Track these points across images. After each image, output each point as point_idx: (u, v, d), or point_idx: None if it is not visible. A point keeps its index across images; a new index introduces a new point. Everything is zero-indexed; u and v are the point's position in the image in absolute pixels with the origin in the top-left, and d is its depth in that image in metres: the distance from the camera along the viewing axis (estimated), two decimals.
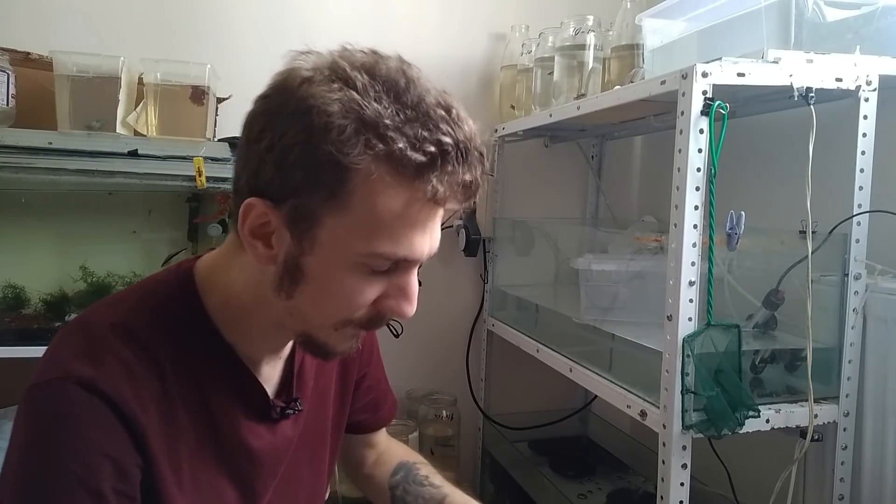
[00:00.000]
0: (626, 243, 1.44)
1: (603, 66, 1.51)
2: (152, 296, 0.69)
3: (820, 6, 1.06)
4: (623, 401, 1.16)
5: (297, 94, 0.58)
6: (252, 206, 0.61)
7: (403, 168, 0.57)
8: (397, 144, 0.56)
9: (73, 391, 0.59)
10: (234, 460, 0.70)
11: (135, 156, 1.35)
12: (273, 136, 0.59)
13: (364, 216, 0.58)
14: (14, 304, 1.47)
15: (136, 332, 0.64)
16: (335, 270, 0.61)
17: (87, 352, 0.61)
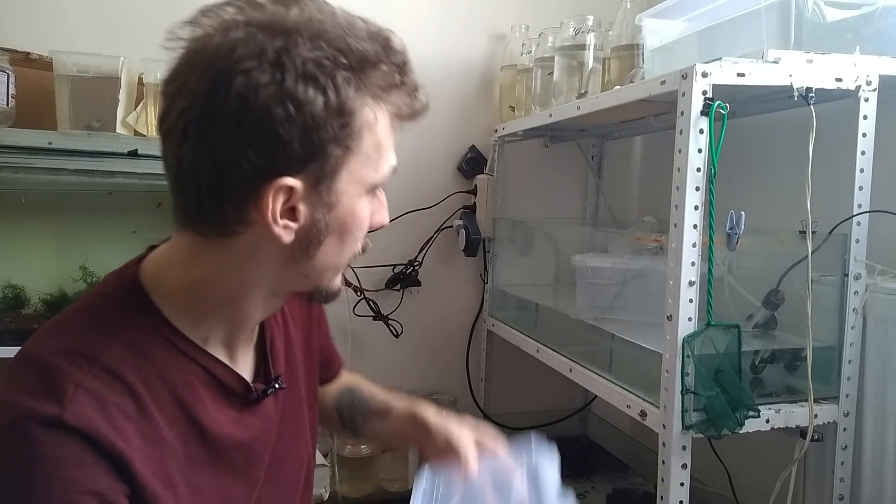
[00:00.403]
0: (626, 243, 1.44)
1: (603, 66, 1.51)
2: (100, 312, 0.64)
3: (820, 6, 1.06)
4: (623, 401, 1.16)
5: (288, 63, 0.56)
6: (281, 187, 0.58)
7: (388, 93, 0.62)
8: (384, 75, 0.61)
9: (37, 432, 0.54)
10: (229, 457, 0.69)
11: (135, 156, 1.35)
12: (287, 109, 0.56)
13: (369, 148, 0.62)
14: (14, 304, 1.47)
15: (93, 354, 0.59)
16: (356, 210, 0.64)
17: (44, 387, 0.56)
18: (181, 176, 0.60)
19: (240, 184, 0.58)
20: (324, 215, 0.62)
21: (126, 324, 0.63)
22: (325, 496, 1.48)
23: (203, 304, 0.66)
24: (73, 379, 0.57)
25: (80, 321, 0.64)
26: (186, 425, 0.64)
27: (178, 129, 0.58)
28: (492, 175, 1.85)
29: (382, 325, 1.83)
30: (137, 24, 1.65)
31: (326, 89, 0.57)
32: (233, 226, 0.61)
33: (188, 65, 0.58)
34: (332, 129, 0.58)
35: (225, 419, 0.68)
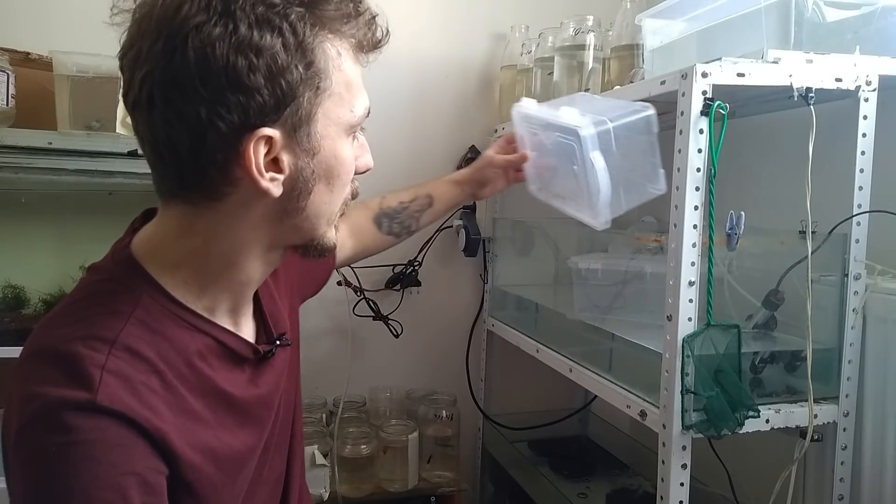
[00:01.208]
0: (626, 243, 1.44)
1: (603, 66, 1.51)
2: (104, 295, 0.63)
3: (820, 6, 1.06)
4: (623, 401, 1.16)
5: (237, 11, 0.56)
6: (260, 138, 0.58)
7: (345, 25, 0.61)
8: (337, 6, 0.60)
9: (72, 419, 0.54)
10: (254, 413, 0.71)
11: (135, 156, 1.35)
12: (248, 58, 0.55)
13: (339, 87, 0.62)
14: (14, 304, 1.47)
15: (109, 336, 0.59)
16: (339, 153, 0.65)
17: (68, 376, 0.56)
18: (157, 146, 0.60)
19: (217, 143, 0.57)
20: (308, 162, 0.62)
21: (133, 303, 0.62)
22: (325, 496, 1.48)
23: (204, 275, 0.66)
24: (96, 363, 0.57)
25: (86, 307, 0.62)
26: (210, 394, 0.65)
27: (144, 99, 0.57)
28: None
29: (382, 325, 1.83)
30: None
31: (282, 30, 0.56)
32: (220, 188, 0.61)
33: (139, 31, 0.58)
34: (297, 70, 0.57)
35: (241, 382, 0.70)
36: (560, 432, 1.93)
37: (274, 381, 0.76)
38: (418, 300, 1.89)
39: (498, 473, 1.88)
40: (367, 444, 1.65)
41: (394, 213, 1.15)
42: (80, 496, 0.53)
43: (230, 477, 0.67)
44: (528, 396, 1.99)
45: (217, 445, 0.64)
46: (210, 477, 0.63)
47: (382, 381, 1.87)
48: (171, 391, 0.61)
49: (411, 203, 1.16)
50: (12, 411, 0.57)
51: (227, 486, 0.67)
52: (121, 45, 0.61)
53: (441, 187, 1.18)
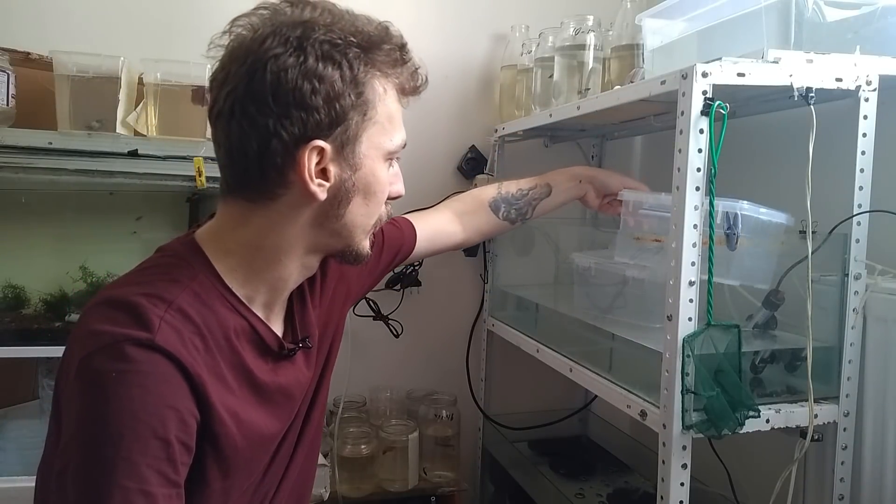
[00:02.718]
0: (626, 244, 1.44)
1: (603, 66, 1.51)
2: (169, 268, 0.74)
3: (820, 6, 1.06)
4: (623, 401, 1.16)
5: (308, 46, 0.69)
6: (314, 149, 0.71)
7: (392, 69, 0.76)
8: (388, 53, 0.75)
9: (132, 351, 0.63)
10: (272, 398, 0.79)
11: (135, 156, 1.35)
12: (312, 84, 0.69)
13: (383, 117, 0.76)
14: (14, 304, 1.47)
15: (168, 297, 0.69)
16: (376, 173, 0.77)
17: (132, 319, 0.66)
18: (231, 149, 0.72)
19: (279, 149, 0.70)
20: (350, 175, 0.75)
21: (191, 277, 0.73)
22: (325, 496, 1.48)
23: (250, 265, 0.77)
24: (156, 313, 0.67)
25: (152, 274, 0.74)
26: (238, 369, 0.75)
27: (226, 110, 0.71)
28: (492, 175, 1.85)
29: (382, 325, 1.83)
30: (137, 24, 1.65)
31: (341, 65, 0.70)
32: (276, 188, 0.73)
33: (230, 57, 0.72)
34: (349, 98, 0.71)
35: (265, 367, 0.79)
36: (560, 432, 1.93)
37: (294, 377, 0.84)
38: (419, 300, 1.89)
39: (498, 473, 1.88)
40: (368, 444, 1.65)
41: (512, 199, 1.28)
42: (128, 417, 0.62)
43: (249, 448, 0.75)
44: (528, 396, 1.99)
45: (241, 413, 0.73)
46: (233, 437, 0.71)
47: (383, 381, 1.87)
48: (210, 354, 0.71)
49: (531, 190, 1.28)
50: (75, 347, 0.67)
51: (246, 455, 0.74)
52: (212, 70, 0.74)
53: (559, 178, 1.31)
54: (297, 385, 0.84)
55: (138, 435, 0.62)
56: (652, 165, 1.96)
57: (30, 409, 1.49)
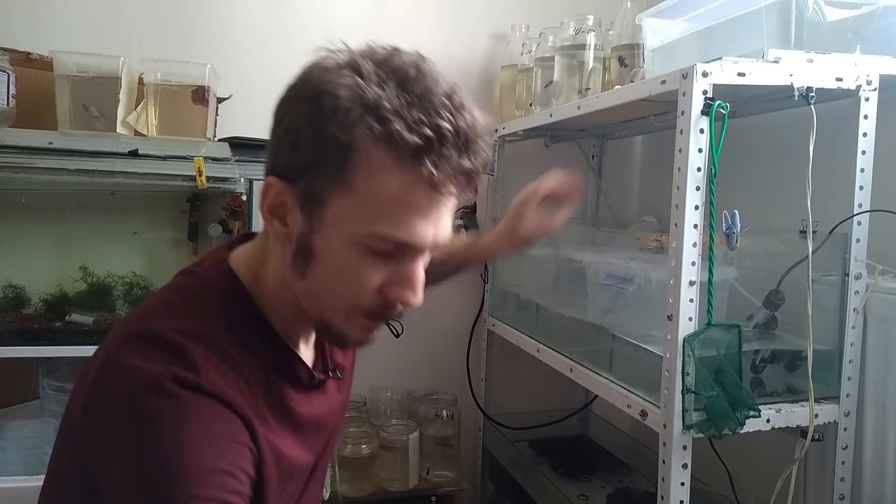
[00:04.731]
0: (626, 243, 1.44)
1: (603, 66, 1.51)
2: (205, 299, 0.70)
3: (820, 6, 1.05)
4: (623, 401, 1.16)
5: (312, 81, 0.62)
6: (270, 186, 0.65)
7: (401, 150, 0.59)
8: (395, 126, 0.58)
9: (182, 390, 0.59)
10: (306, 431, 0.75)
11: (135, 156, 1.35)
12: (289, 120, 0.63)
13: (365, 197, 0.61)
14: (14, 304, 1.47)
15: (207, 336, 0.65)
16: (340, 250, 0.64)
17: (174, 357, 0.61)
18: None
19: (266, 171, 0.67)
20: (308, 233, 0.65)
21: (228, 310, 0.69)
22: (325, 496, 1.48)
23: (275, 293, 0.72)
24: (198, 353, 0.62)
25: (190, 306, 0.69)
26: (276, 404, 0.70)
27: None
28: (492, 175, 1.85)
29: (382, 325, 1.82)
30: (137, 24, 1.65)
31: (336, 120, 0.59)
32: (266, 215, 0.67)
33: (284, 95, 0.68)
34: (326, 154, 0.61)
35: (299, 399, 0.74)
36: (560, 432, 1.93)
37: (327, 406, 0.80)
38: None
39: (498, 473, 1.88)
40: (368, 443, 1.65)
41: None
42: (188, 453, 0.57)
43: (283, 484, 0.71)
44: (528, 396, 1.99)
45: (282, 450, 0.69)
46: (273, 476, 0.67)
47: (383, 381, 1.87)
48: (252, 395, 0.66)
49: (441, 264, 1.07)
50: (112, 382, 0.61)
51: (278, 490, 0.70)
52: None
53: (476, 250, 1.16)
54: (329, 414, 0.80)
55: (199, 469, 0.57)
56: (652, 165, 1.96)
57: (30, 409, 1.49)
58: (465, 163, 0.61)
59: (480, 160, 0.63)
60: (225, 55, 1.67)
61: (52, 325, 1.42)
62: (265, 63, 1.74)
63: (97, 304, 1.49)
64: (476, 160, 0.62)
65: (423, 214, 0.63)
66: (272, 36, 1.76)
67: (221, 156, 1.40)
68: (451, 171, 0.60)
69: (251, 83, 1.68)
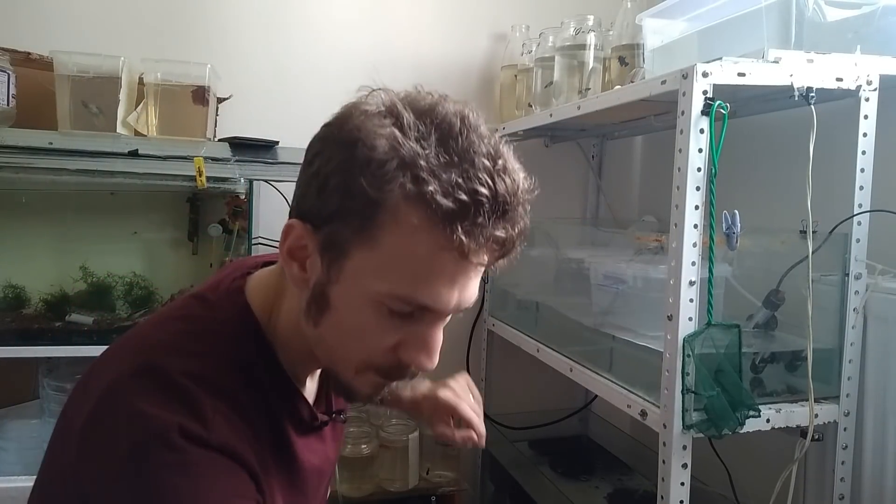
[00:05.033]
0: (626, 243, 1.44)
1: (603, 66, 1.51)
2: (218, 336, 0.66)
3: (820, 6, 1.05)
4: (623, 400, 1.16)
5: (349, 125, 0.59)
6: (292, 228, 0.62)
7: (433, 213, 0.55)
8: (429, 187, 0.55)
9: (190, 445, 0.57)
10: (307, 481, 0.72)
11: (135, 156, 1.35)
12: (321, 162, 0.60)
13: (389, 255, 0.58)
14: (14, 304, 1.47)
15: (216, 381, 0.62)
16: (356, 305, 0.61)
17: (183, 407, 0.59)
18: None
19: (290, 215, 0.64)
20: (326, 282, 0.62)
21: (240, 350, 0.66)
22: None
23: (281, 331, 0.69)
24: (208, 403, 0.60)
25: (201, 343, 0.65)
26: (279, 451, 0.68)
27: None
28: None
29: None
30: (137, 24, 1.65)
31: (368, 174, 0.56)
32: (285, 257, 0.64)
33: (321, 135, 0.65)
34: (354, 205, 0.58)
35: (301, 445, 0.71)
36: (560, 432, 1.93)
37: (325, 453, 0.77)
38: None
39: (498, 473, 1.87)
40: (368, 443, 1.65)
41: None
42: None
43: None
44: (528, 396, 1.99)
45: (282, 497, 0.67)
46: None
47: None
48: (258, 441, 0.64)
49: None
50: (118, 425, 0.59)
51: None
52: None
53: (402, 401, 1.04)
54: (327, 463, 0.77)
55: None
56: (652, 165, 1.96)
57: (30, 409, 1.49)
58: (500, 232, 0.58)
59: (517, 229, 0.60)
60: (225, 55, 1.67)
61: (52, 325, 1.42)
62: (265, 63, 1.74)
63: (97, 304, 1.49)
64: (513, 229, 0.59)
65: (449, 280, 0.60)
66: (272, 36, 1.76)
67: (221, 156, 1.40)
68: (485, 240, 0.57)
69: (251, 83, 1.69)
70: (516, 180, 0.59)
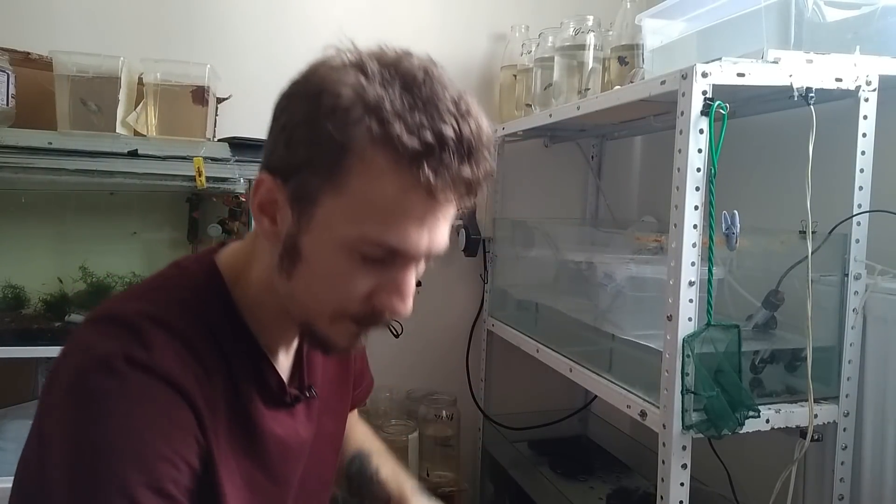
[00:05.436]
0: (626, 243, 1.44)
1: (603, 66, 1.51)
2: (181, 289, 0.68)
3: (820, 6, 1.06)
4: (623, 401, 1.16)
5: (314, 78, 0.61)
6: (262, 182, 0.63)
7: (399, 154, 0.57)
8: (395, 129, 0.56)
9: (131, 370, 0.58)
10: (264, 448, 0.71)
11: (135, 156, 1.35)
12: (287, 116, 0.62)
13: (358, 199, 0.59)
14: (14, 304, 1.47)
15: (173, 323, 0.63)
16: (328, 252, 0.62)
17: (132, 337, 0.60)
18: None
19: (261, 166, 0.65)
20: (297, 233, 0.62)
21: (202, 304, 0.67)
22: None
23: (252, 296, 0.70)
24: (159, 337, 0.61)
25: (163, 293, 0.68)
26: (234, 408, 0.67)
27: None
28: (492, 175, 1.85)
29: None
30: (137, 24, 1.65)
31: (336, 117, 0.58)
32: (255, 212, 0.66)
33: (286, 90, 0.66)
34: (321, 152, 0.59)
35: (263, 412, 0.71)
36: (560, 432, 1.93)
37: (293, 428, 0.75)
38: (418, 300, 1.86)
39: (498, 473, 1.88)
40: None
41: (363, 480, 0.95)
42: (129, 436, 0.56)
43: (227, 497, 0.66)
44: (528, 396, 1.99)
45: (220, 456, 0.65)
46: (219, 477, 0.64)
47: (382, 381, 1.86)
48: (211, 387, 0.64)
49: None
50: (66, 360, 0.61)
51: None
52: None
53: None
54: (295, 439, 0.75)
55: (138, 453, 0.56)
56: (652, 165, 1.96)
57: (30, 409, 1.49)
58: (466, 171, 0.59)
59: (482, 170, 0.61)
60: (225, 55, 1.67)
61: (52, 325, 1.42)
62: (265, 63, 1.74)
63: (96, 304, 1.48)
64: (478, 169, 0.60)
65: (419, 222, 0.60)
66: (272, 36, 1.76)
67: (221, 156, 1.40)
68: (451, 179, 0.58)
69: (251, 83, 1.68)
70: (481, 124, 0.61)
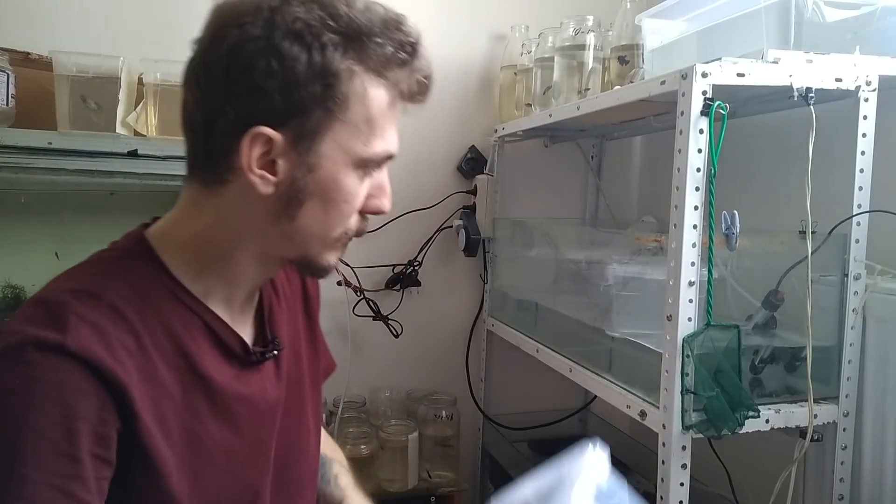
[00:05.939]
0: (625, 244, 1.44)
1: (602, 67, 1.51)
2: (108, 262, 0.68)
3: (820, 6, 1.06)
4: (623, 401, 1.16)
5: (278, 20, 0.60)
6: (258, 136, 0.62)
7: (385, 68, 0.63)
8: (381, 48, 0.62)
9: (37, 356, 0.57)
10: (231, 408, 0.69)
11: (134, 156, 1.35)
12: (269, 62, 0.60)
13: (358, 119, 0.64)
14: (14, 304, 1.47)
15: (100, 294, 0.62)
16: (339, 179, 0.65)
17: (48, 318, 0.59)
18: (185, 121, 0.66)
19: (225, 130, 0.62)
20: (303, 175, 0.64)
21: (129, 270, 0.66)
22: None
23: (202, 259, 0.69)
24: (77, 312, 0.60)
25: (88, 268, 0.67)
26: (187, 372, 0.66)
27: (187, 77, 0.66)
28: (492, 175, 1.85)
29: (382, 325, 1.83)
30: (137, 24, 1.65)
31: (311, 48, 0.60)
32: (223, 173, 0.65)
33: (206, 25, 0.66)
34: (314, 88, 0.61)
35: (227, 373, 0.70)
36: (560, 432, 1.93)
37: (262, 386, 0.74)
38: (418, 300, 1.89)
39: (498, 473, 1.87)
40: (367, 444, 1.64)
41: None
42: (28, 431, 0.55)
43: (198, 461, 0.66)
44: (528, 396, 1.99)
45: (173, 424, 0.64)
46: (163, 452, 0.62)
47: (382, 381, 1.87)
48: (145, 356, 0.63)
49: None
50: None
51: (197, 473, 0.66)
52: None
53: None
54: (263, 396, 0.73)
55: (38, 451, 0.55)
56: (652, 165, 1.96)
57: None
58: (427, 69, 0.66)
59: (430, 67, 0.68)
60: None
61: None
62: None
63: None
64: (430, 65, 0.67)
65: (394, 124, 0.67)
66: None
67: None
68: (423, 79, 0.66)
69: None
70: (415, 26, 0.66)
